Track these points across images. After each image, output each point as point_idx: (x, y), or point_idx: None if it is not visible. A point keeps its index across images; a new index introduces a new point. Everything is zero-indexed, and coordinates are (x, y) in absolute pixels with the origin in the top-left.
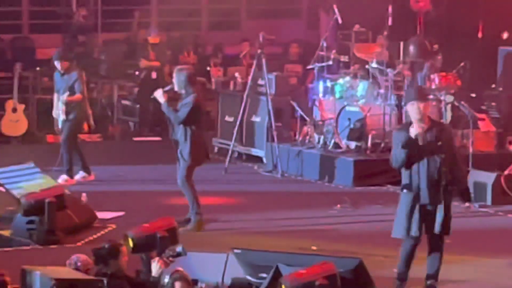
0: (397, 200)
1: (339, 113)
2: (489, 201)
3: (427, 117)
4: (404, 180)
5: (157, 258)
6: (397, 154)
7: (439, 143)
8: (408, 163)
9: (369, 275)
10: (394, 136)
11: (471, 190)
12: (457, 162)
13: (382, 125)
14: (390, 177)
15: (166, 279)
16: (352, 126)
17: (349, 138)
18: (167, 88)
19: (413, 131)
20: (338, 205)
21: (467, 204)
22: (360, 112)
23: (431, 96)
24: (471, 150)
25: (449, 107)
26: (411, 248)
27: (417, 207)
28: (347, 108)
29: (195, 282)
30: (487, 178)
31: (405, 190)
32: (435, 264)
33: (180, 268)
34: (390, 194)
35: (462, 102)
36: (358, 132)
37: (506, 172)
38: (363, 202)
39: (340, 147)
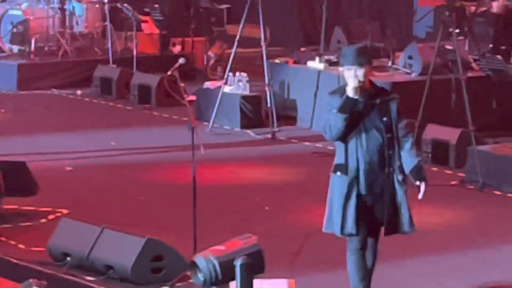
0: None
1: (1, 17)
2: (153, 102)
3: (368, 83)
4: (338, 159)
5: None
6: (332, 121)
7: (384, 118)
8: (345, 133)
9: (32, 176)
10: (326, 101)
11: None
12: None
13: (45, 28)
14: (53, 80)
15: None
16: (15, 29)
17: (12, 42)
18: None
19: (350, 88)
20: (3, 110)
21: (417, 183)
22: (22, 16)
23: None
24: (135, 52)
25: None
26: (358, 253)
27: (353, 196)
28: (10, 11)
29: None
30: (152, 80)
31: (338, 173)
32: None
33: None
34: (54, 97)
35: (125, 4)
36: (21, 36)
37: (169, 73)
38: (27, 105)
39: (3, 51)
